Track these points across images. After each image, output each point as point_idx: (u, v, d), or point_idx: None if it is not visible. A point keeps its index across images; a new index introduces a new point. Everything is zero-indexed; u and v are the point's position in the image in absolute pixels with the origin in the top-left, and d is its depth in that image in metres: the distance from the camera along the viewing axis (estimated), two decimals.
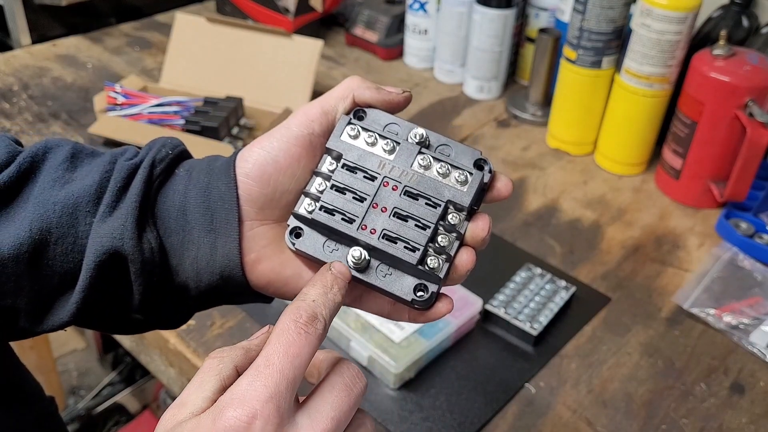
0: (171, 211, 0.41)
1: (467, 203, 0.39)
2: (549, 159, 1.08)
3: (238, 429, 0.30)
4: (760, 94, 0.88)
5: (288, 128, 0.41)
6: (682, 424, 0.68)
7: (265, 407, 0.31)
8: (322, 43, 1.08)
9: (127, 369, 1.59)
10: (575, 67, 1.02)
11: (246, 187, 0.40)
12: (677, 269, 0.87)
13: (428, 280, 0.39)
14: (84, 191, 0.40)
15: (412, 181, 0.40)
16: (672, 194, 1.00)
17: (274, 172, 0.40)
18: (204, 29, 1.11)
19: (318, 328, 0.34)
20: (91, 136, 1.01)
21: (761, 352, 0.76)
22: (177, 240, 0.41)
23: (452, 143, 0.41)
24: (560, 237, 0.91)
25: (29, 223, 0.39)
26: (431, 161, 0.40)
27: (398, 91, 0.42)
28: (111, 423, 1.52)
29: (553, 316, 0.76)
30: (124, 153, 0.43)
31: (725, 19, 1.02)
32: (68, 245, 0.40)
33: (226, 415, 0.31)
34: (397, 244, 0.39)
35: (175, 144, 0.43)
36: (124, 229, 0.39)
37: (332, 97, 0.42)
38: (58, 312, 0.41)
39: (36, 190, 0.41)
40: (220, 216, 0.40)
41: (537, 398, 0.70)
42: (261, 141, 0.41)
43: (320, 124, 0.41)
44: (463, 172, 0.39)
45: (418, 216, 0.39)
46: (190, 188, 0.41)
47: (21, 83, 1.15)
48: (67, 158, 0.42)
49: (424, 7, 1.24)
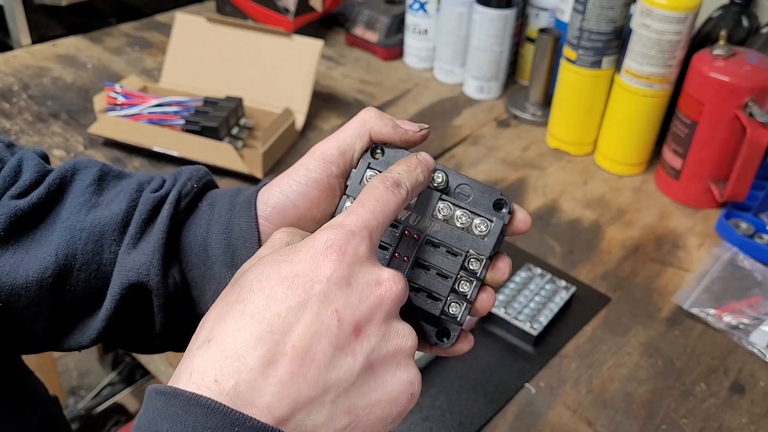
0: (193, 245, 0.42)
1: (488, 252, 0.39)
2: (549, 159, 1.07)
3: (336, 241, 0.32)
4: (760, 94, 0.88)
5: (307, 171, 0.41)
6: (682, 424, 0.68)
7: (361, 230, 0.33)
8: (322, 43, 1.08)
9: (127, 369, 1.59)
10: (575, 67, 1.02)
11: (266, 230, 0.41)
12: (677, 269, 0.87)
13: (449, 326, 0.40)
14: (110, 220, 0.41)
15: (433, 231, 0.40)
16: (672, 194, 1.00)
17: (294, 217, 0.41)
18: (204, 29, 1.11)
19: (401, 192, 0.35)
20: (91, 136, 1.01)
21: (761, 352, 0.76)
22: (198, 273, 0.42)
23: (471, 182, 0.40)
24: (560, 237, 0.91)
25: (55, 248, 0.40)
26: (451, 209, 0.40)
27: (415, 129, 0.42)
28: (111, 423, 1.52)
29: (553, 316, 0.76)
30: (150, 182, 0.44)
31: (725, 19, 1.02)
32: (92, 272, 0.41)
33: (324, 234, 0.32)
34: (420, 293, 0.39)
35: (200, 176, 0.44)
36: (150, 265, 0.40)
37: (348, 135, 0.41)
38: (77, 336, 0.42)
39: (63, 213, 0.42)
40: (241, 254, 0.41)
41: (537, 398, 0.70)
42: (280, 183, 0.41)
43: (338, 165, 0.41)
44: (484, 220, 0.40)
45: (439, 266, 0.39)
46: (212, 224, 0.42)
47: (21, 83, 1.15)
48: (94, 181, 0.43)
49: (424, 7, 1.24)
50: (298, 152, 1.04)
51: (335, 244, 0.31)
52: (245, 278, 0.32)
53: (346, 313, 0.31)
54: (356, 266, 0.32)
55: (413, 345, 0.33)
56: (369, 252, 0.33)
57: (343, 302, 0.31)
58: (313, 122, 1.11)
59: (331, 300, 0.31)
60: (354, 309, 0.31)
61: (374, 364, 0.31)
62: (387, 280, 0.32)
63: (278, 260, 0.32)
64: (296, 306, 0.30)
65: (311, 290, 0.30)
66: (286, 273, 0.31)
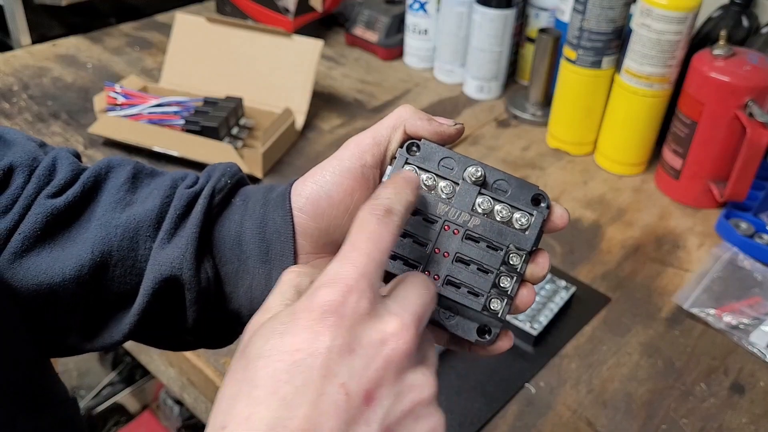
0: (227, 240, 0.42)
1: (529, 246, 0.39)
2: (549, 159, 1.08)
3: (333, 305, 0.30)
4: (760, 94, 0.88)
5: (340, 160, 0.41)
6: (682, 424, 0.68)
7: (359, 282, 0.31)
8: (322, 43, 1.08)
9: (127, 369, 1.59)
10: (575, 67, 1.02)
11: (301, 222, 0.41)
12: (677, 269, 0.87)
13: (490, 322, 0.39)
14: (145, 216, 0.41)
15: (473, 225, 0.39)
16: (672, 194, 1.00)
17: (328, 207, 0.40)
18: (204, 29, 1.11)
19: (394, 219, 0.34)
20: (91, 136, 1.01)
21: (761, 352, 0.76)
22: (232, 269, 0.42)
23: (508, 178, 0.40)
24: (560, 237, 0.91)
25: (91, 245, 0.40)
26: (491, 203, 0.40)
27: (450, 123, 0.41)
28: (111, 423, 1.52)
29: (553, 316, 0.76)
30: (185, 179, 0.44)
31: (725, 19, 1.02)
32: (127, 268, 0.41)
33: (320, 294, 0.30)
34: (461, 289, 0.39)
35: (233, 172, 0.44)
36: (183, 259, 0.40)
37: (384, 127, 0.41)
38: (111, 332, 0.42)
39: (98, 211, 0.42)
40: (275, 248, 0.41)
41: (537, 398, 0.70)
42: (314, 174, 0.41)
43: (372, 155, 0.41)
44: (524, 214, 0.39)
45: (480, 261, 0.39)
46: (246, 218, 0.42)
47: (21, 83, 1.15)
48: (128, 179, 0.43)
49: (424, 7, 1.24)
50: (298, 152, 1.04)
51: (332, 307, 0.30)
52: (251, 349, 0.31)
53: (352, 384, 0.29)
54: (357, 327, 0.30)
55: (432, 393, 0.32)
56: (370, 304, 0.31)
57: (348, 373, 0.29)
58: (313, 122, 1.11)
59: (334, 373, 0.29)
60: (360, 377, 0.30)
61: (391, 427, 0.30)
62: (392, 336, 0.31)
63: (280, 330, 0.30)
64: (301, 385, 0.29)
65: (313, 365, 0.29)
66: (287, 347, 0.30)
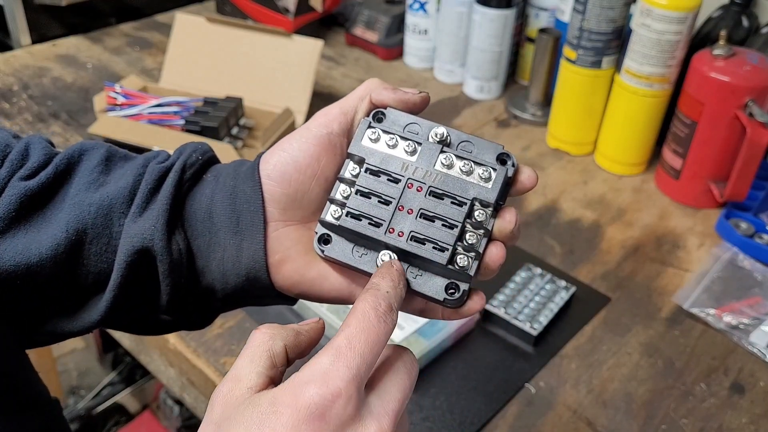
0: (198, 213, 0.42)
1: (493, 199, 0.39)
2: (549, 159, 1.08)
3: (320, 408, 0.30)
4: (760, 94, 0.88)
5: (307, 129, 0.41)
6: (682, 424, 0.68)
7: (349, 387, 0.31)
8: (322, 43, 1.08)
9: (127, 369, 1.59)
10: (575, 67, 1.02)
11: (269, 188, 0.41)
12: (677, 269, 0.87)
13: (459, 279, 0.39)
14: (118, 193, 0.41)
15: (436, 181, 0.40)
16: (672, 194, 1.00)
17: (295, 172, 0.41)
18: (204, 29, 1.11)
19: (394, 318, 0.34)
20: (91, 136, 1.01)
21: (761, 352, 0.76)
22: (204, 242, 0.42)
23: (473, 139, 0.41)
24: (560, 237, 0.91)
25: (66, 224, 0.40)
26: (453, 160, 0.40)
27: (414, 91, 0.42)
28: (111, 423, 1.52)
29: (553, 316, 0.76)
30: (157, 156, 0.44)
31: (725, 19, 1.02)
32: (102, 245, 0.41)
33: (308, 392, 0.30)
34: (426, 245, 0.39)
35: (204, 150, 0.44)
36: (154, 230, 0.40)
37: (351, 98, 0.42)
38: (89, 312, 0.42)
39: (71, 191, 0.42)
40: (245, 218, 0.41)
41: (537, 398, 0.70)
42: (282, 143, 0.42)
43: (339, 123, 0.41)
44: (487, 169, 0.39)
45: (444, 216, 0.39)
46: (216, 192, 0.42)
47: (21, 83, 1.15)
48: (101, 161, 0.43)
49: (424, 7, 1.24)
50: None
51: (318, 410, 0.30)
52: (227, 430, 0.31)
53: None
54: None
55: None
56: (355, 409, 0.31)
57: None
58: None
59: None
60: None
61: None
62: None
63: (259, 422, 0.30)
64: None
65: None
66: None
